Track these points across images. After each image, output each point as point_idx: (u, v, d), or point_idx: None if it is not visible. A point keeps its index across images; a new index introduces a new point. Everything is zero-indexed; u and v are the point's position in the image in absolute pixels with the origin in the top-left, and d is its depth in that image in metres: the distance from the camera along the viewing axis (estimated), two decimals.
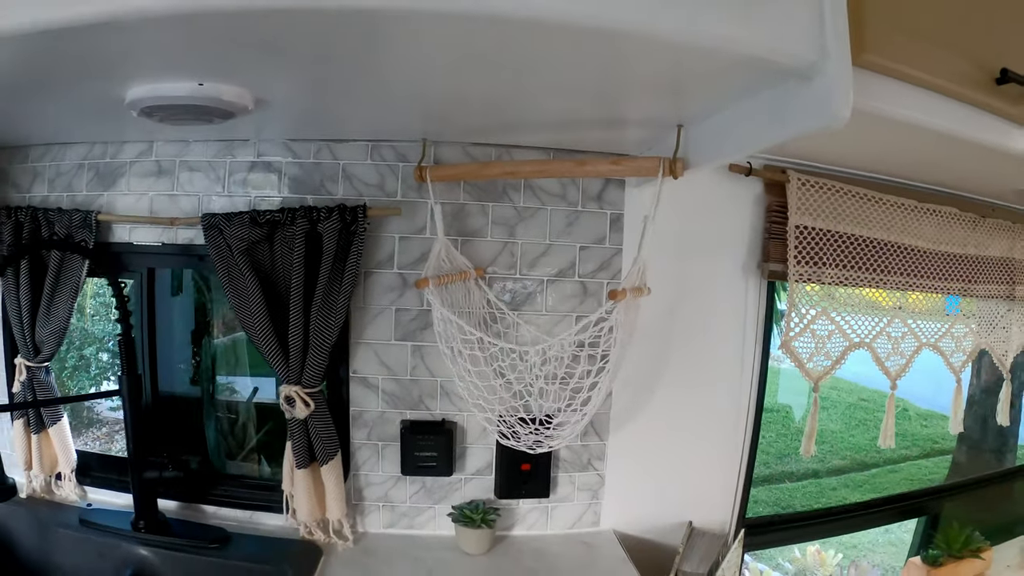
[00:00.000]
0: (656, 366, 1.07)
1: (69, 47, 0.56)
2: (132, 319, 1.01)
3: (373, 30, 0.53)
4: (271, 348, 0.94)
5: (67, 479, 1.09)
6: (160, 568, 0.96)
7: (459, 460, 1.04)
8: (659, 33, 0.50)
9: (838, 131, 0.57)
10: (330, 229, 0.92)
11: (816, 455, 3.00)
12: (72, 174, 1.05)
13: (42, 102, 0.81)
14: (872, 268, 1.11)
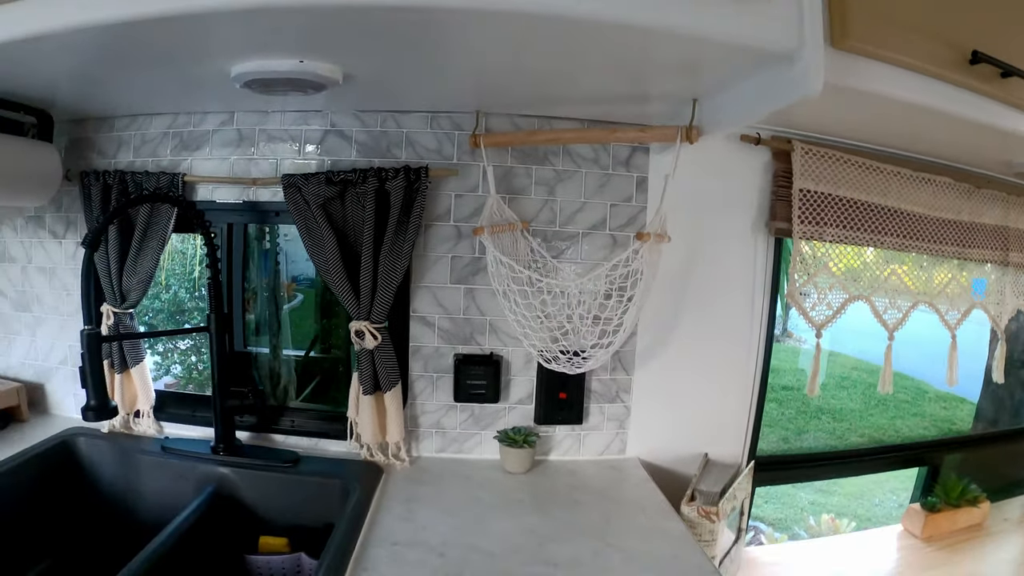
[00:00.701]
0: (675, 311, 1.29)
1: (198, 29, 0.76)
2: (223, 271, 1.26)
3: (458, 22, 0.72)
4: (344, 289, 1.16)
5: (146, 415, 1.32)
6: (239, 484, 1.19)
7: (504, 390, 1.27)
8: (669, 28, 0.70)
9: (816, 100, 0.77)
10: (397, 187, 1.14)
11: (836, 432, 3.23)
12: (157, 142, 1.29)
13: (152, 76, 1.02)
14: (870, 229, 1.31)
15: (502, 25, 0.73)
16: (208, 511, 1.12)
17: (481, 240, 1.11)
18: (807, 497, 2.86)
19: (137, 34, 0.77)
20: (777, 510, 2.75)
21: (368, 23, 0.74)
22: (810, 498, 2.87)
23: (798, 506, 2.80)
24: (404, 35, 0.78)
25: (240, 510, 1.18)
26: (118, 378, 1.29)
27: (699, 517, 1.14)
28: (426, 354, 1.26)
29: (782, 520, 2.69)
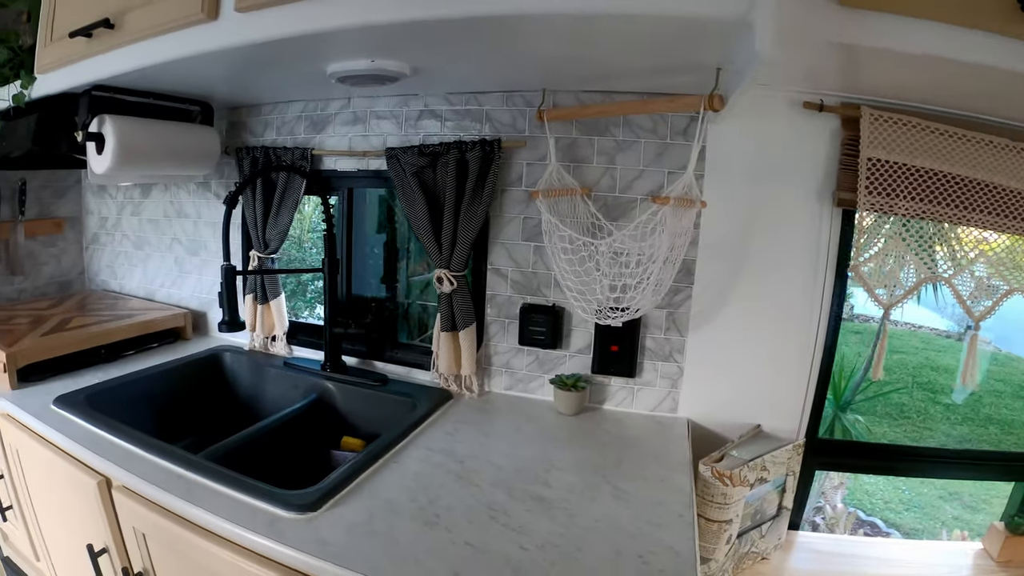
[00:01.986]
0: (732, 279, 1.45)
1: (309, 42, 1.14)
2: (338, 227, 1.75)
3: (513, 26, 1.01)
4: (429, 241, 1.54)
5: (280, 339, 1.86)
6: (336, 395, 1.65)
7: (565, 339, 1.55)
8: (633, 10, 0.91)
9: (875, 62, 1.03)
10: (474, 157, 1.48)
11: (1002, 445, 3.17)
12: (293, 123, 1.79)
13: (274, 74, 1.48)
14: (952, 204, 1.30)
15: (555, 24, 0.99)
16: (308, 412, 1.60)
17: (537, 203, 1.46)
18: (952, 511, 2.87)
19: (269, 49, 1.18)
20: (916, 519, 2.80)
21: (422, 32, 1.06)
22: (955, 512, 2.87)
23: (940, 519, 2.83)
24: (452, 37, 1.09)
25: (333, 415, 1.65)
26: (260, 308, 1.84)
27: (712, 477, 1.30)
28: (499, 302, 1.61)
29: (917, 531, 2.76)
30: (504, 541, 1.00)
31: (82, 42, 1.40)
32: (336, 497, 1.10)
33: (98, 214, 2.42)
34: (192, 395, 1.78)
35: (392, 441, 1.32)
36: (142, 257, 2.29)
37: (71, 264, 2.47)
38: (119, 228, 2.35)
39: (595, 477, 1.23)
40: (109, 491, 1.24)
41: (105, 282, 2.46)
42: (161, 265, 2.23)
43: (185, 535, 1.09)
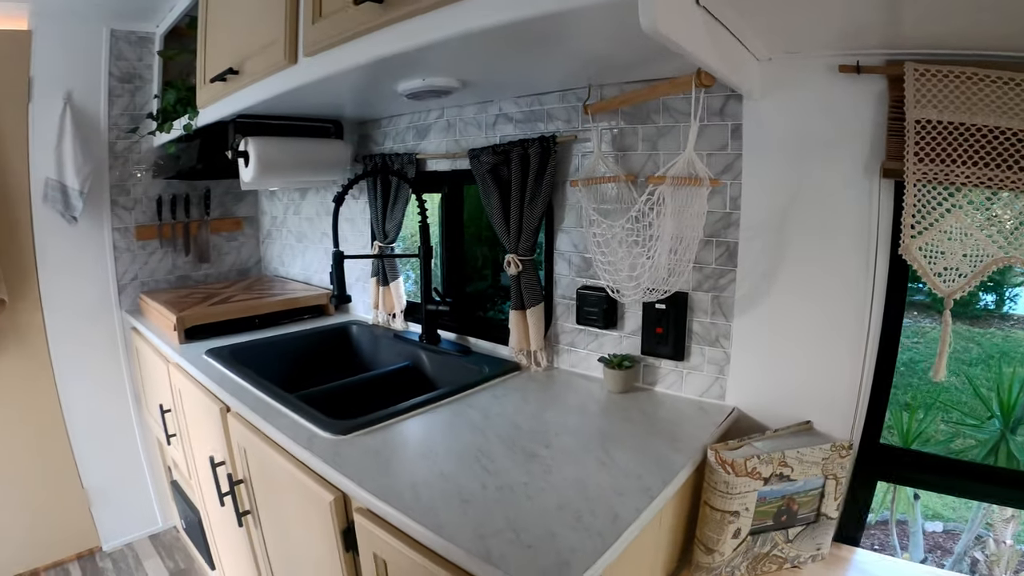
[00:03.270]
0: (775, 261, 1.46)
1: (366, 70, 1.47)
2: (439, 218, 2.11)
3: (505, 35, 1.16)
4: (501, 229, 1.80)
5: (398, 316, 2.27)
6: (426, 361, 2.04)
7: (620, 320, 1.72)
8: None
9: None
10: (534, 153, 1.71)
11: None
12: (404, 133, 2.19)
13: (365, 95, 1.88)
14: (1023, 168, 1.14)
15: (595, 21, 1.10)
16: (400, 372, 2.02)
17: (576, 191, 1.65)
18: None
19: (339, 79, 1.55)
20: None
21: (455, 49, 1.29)
22: None
23: None
24: (489, 49, 1.32)
25: (421, 377, 2.03)
26: (381, 290, 2.27)
27: (716, 462, 1.30)
28: (564, 284, 1.82)
29: None
30: (472, 478, 1.22)
31: (220, 85, 1.93)
32: (365, 430, 1.44)
33: (270, 214, 3.18)
34: (320, 356, 2.36)
35: (440, 396, 1.63)
36: (301, 249, 2.95)
37: (249, 254, 3.30)
38: (285, 225, 3.06)
39: (594, 445, 1.37)
40: (226, 416, 1.74)
41: (275, 269, 3.21)
42: (315, 255, 2.86)
43: (264, 447, 1.53)
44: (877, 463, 1.47)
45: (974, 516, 3.01)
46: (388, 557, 1.17)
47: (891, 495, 3.19)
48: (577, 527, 1.05)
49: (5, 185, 2.65)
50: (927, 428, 3.24)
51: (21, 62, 2.63)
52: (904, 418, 3.17)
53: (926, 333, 3.06)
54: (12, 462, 2.83)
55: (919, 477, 1.54)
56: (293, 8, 1.59)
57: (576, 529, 1.04)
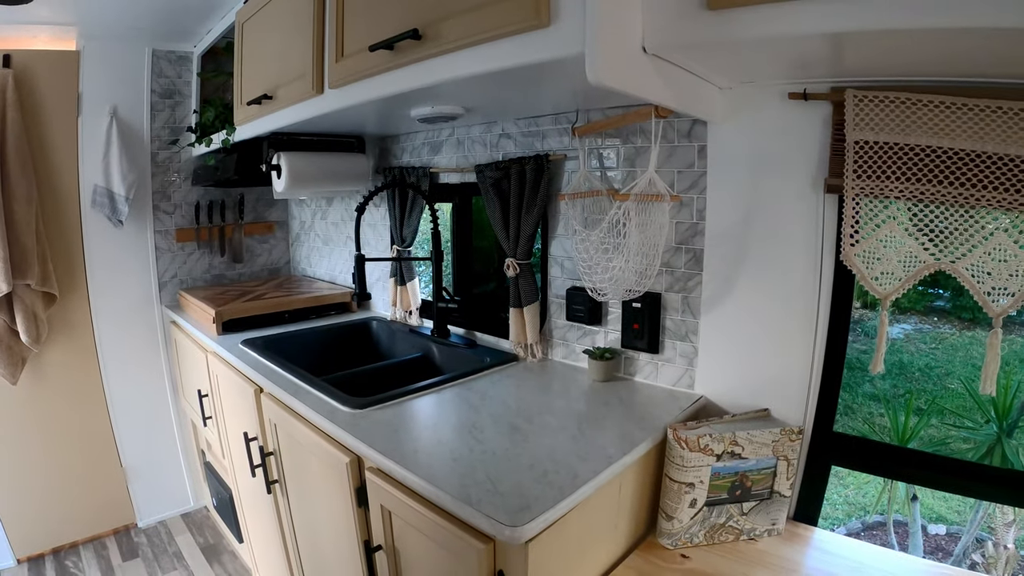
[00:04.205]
0: (736, 265, 1.66)
1: (383, 101, 1.71)
2: (449, 225, 2.41)
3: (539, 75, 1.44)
4: (502, 235, 2.07)
5: (414, 313, 2.55)
6: (436, 352, 2.33)
7: (604, 317, 1.97)
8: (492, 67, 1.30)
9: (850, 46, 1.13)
10: (530, 169, 1.98)
11: None
12: (420, 148, 2.50)
13: (384, 117, 2.19)
14: (957, 183, 1.27)
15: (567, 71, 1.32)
16: (412, 362, 2.32)
17: (562, 204, 1.92)
18: None
19: (361, 107, 1.83)
20: None
21: (454, 86, 1.56)
22: None
23: None
24: (483, 86, 1.59)
25: (431, 367, 2.32)
26: (399, 289, 2.56)
27: (673, 439, 1.50)
28: (557, 285, 2.09)
29: None
30: (462, 443, 1.50)
31: (256, 107, 2.26)
32: (379, 405, 1.73)
33: (299, 219, 3.55)
34: (343, 347, 2.68)
35: (444, 380, 1.92)
36: (327, 251, 3.30)
37: (280, 256, 3.69)
38: (312, 229, 3.42)
39: (570, 422, 1.62)
40: (259, 395, 2.05)
41: (303, 270, 3.57)
42: (340, 257, 3.19)
43: (293, 421, 1.83)
44: (830, 449, 1.63)
45: (973, 518, 3.07)
46: (393, 507, 1.45)
47: (887, 495, 3.33)
48: (542, 481, 1.29)
49: (57, 191, 3.00)
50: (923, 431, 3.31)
51: (71, 79, 2.98)
52: (912, 422, 3.14)
53: (944, 339, 3.08)
54: (58, 442, 3.19)
55: (870, 462, 1.69)
56: (319, 47, 1.90)
57: (541, 483, 1.28)
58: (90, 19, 2.83)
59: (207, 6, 2.75)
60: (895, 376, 2.85)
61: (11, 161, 2.72)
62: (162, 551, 3.27)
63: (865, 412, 3.08)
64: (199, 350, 2.73)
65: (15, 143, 2.73)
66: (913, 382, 3.12)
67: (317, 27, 1.89)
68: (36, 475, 3.15)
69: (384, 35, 1.55)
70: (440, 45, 1.43)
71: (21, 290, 2.79)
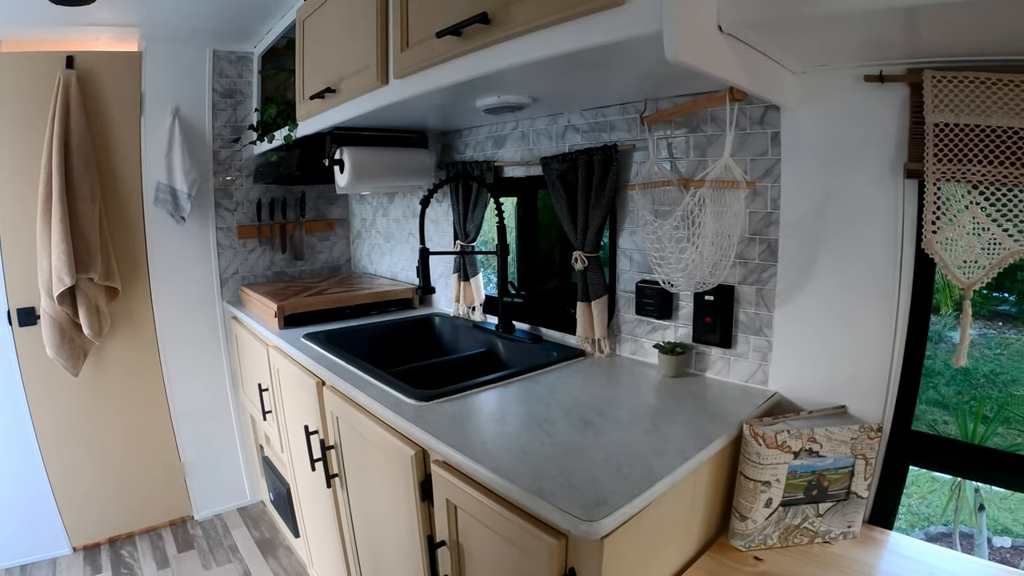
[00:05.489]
0: (812, 255, 1.63)
1: (447, 90, 1.77)
2: (514, 220, 2.42)
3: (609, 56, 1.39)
4: (569, 227, 2.08)
5: (477, 309, 2.58)
6: (501, 348, 2.34)
7: (674, 311, 1.96)
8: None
9: None
10: (598, 160, 1.98)
11: None
12: (483, 143, 2.52)
13: (448, 110, 2.21)
14: None
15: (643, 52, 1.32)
16: (477, 357, 2.34)
17: (633, 194, 1.90)
18: None
19: (425, 97, 1.87)
20: None
21: (523, 72, 1.55)
22: None
23: None
24: (553, 72, 1.58)
25: (496, 362, 2.34)
26: (462, 285, 2.59)
27: (749, 435, 1.46)
28: (625, 278, 2.09)
29: None
30: (532, 437, 1.49)
31: (319, 101, 2.32)
32: (444, 398, 1.74)
33: (360, 216, 3.63)
34: (405, 342, 2.73)
35: (512, 374, 1.93)
36: (389, 248, 3.35)
37: (340, 253, 3.78)
38: (374, 226, 3.48)
39: (643, 417, 1.60)
40: (321, 388, 2.08)
41: (364, 266, 3.65)
42: (402, 253, 3.24)
43: (356, 414, 1.86)
44: (909, 448, 1.58)
45: None
46: (459, 501, 1.45)
47: (953, 504, 3.25)
48: (617, 476, 1.26)
49: (121, 189, 3.13)
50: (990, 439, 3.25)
51: (133, 79, 3.11)
52: (979, 429, 3.16)
53: (1009, 344, 3.04)
54: (118, 434, 3.31)
55: (951, 462, 1.64)
56: (383, 37, 1.94)
57: (616, 477, 1.25)
58: (152, 21, 2.94)
59: (267, 6, 2.84)
60: (959, 382, 2.76)
61: (75, 159, 2.85)
62: (217, 544, 3.36)
63: (929, 419, 3.00)
64: (260, 344, 2.81)
65: (79, 142, 2.86)
66: (978, 388, 3.03)
67: (380, 17, 1.93)
68: (94, 466, 3.27)
69: (451, 21, 1.57)
70: (510, 28, 1.44)
71: (84, 284, 2.90)
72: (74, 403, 3.17)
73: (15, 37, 2.86)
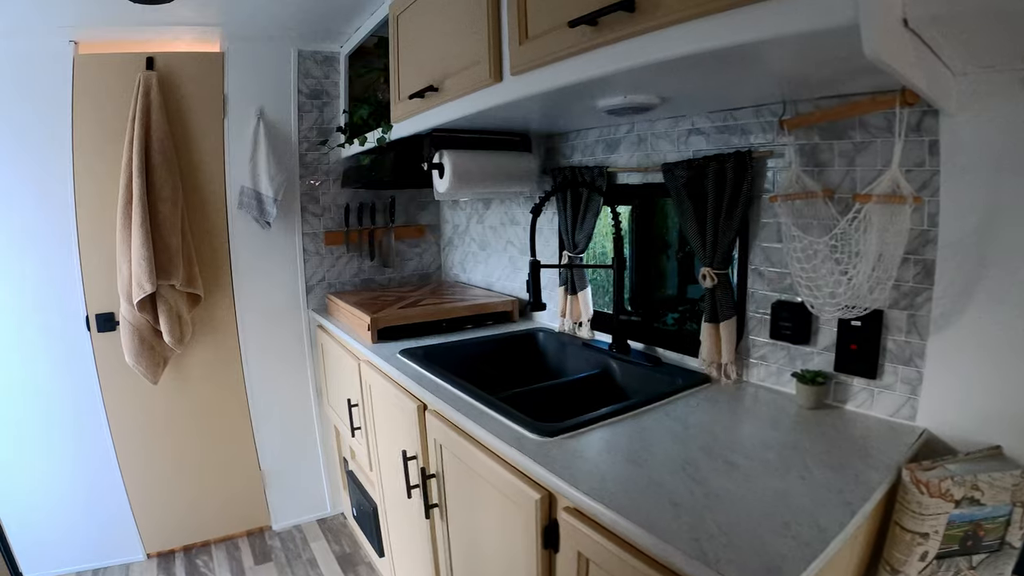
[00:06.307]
0: (974, 280, 1.48)
1: (569, 90, 1.65)
2: (629, 231, 2.27)
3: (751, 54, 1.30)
4: (696, 242, 1.95)
5: (584, 325, 2.45)
6: (616, 370, 2.20)
7: (812, 336, 1.80)
8: None
9: None
10: (730, 169, 1.84)
11: None
12: (592, 146, 2.39)
13: (562, 111, 2.07)
14: None
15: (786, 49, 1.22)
16: (590, 381, 2.19)
17: (775, 206, 1.75)
18: None
19: (541, 97, 1.76)
20: None
21: (663, 70, 1.44)
22: None
23: None
24: (699, 67, 1.44)
25: (612, 386, 2.20)
26: (569, 299, 2.47)
27: (910, 482, 1.35)
28: (757, 298, 1.93)
29: None
30: (679, 484, 1.36)
31: (418, 101, 2.22)
32: (571, 433, 1.62)
33: (452, 222, 3.54)
34: (508, 361, 2.59)
35: (638, 404, 1.79)
36: (484, 256, 3.25)
37: (430, 260, 3.71)
38: (467, 233, 3.38)
39: (793, 459, 1.46)
40: (424, 413, 2.00)
41: (456, 275, 3.56)
42: (498, 263, 3.12)
43: (465, 444, 1.75)
44: None
45: None
46: (594, 555, 1.33)
47: None
48: (784, 534, 1.13)
49: (203, 192, 3.11)
50: None
51: (215, 81, 3.08)
52: None
53: None
54: (197, 442, 3.32)
55: None
56: (495, 30, 1.82)
57: (783, 536, 1.13)
58: (234, 20, 2.90)
59: (355, 4, 2.77)
60: None
61: (156, 162, 2.83)
62: (295, 556, 3.33)
63: None
64: (350, 357, 2.74)
65: (160, 145, 2.84)
66: None
67: (492, 7, 1.82)
68: (171, 473, 3.28)
69: (585, 9, 1.43)
70: (658, 17, 1.29)
71: (165, 290, 2.88)
72: (152, 410, 3.17)
73: (94, 38, 2.86)
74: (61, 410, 3.01)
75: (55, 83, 2.79)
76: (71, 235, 2.90)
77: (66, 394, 3.00)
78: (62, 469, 3.06)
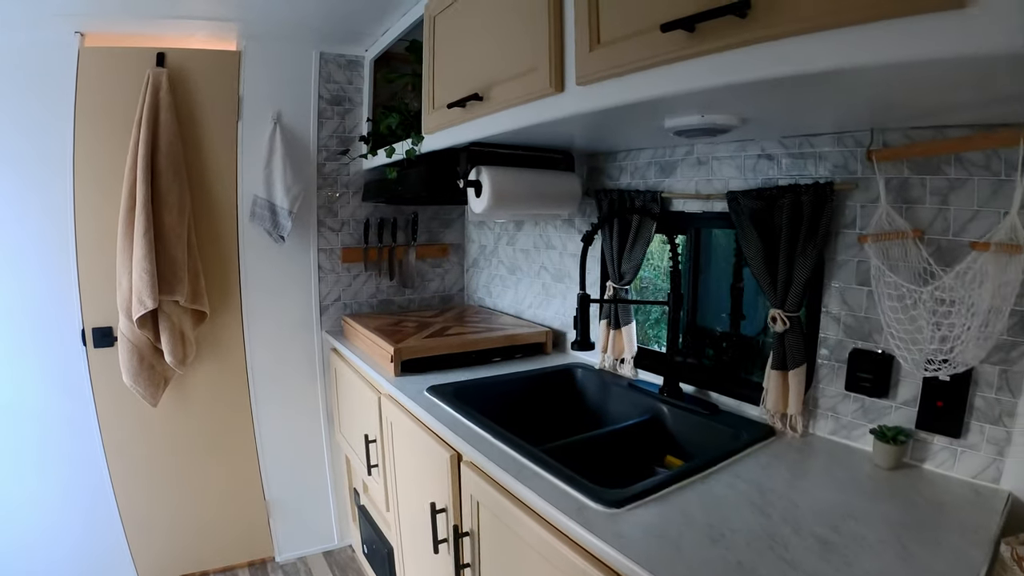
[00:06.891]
0: None
1: (641, 106, 1.50)
2: (683, 263, 2.10)
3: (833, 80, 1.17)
4: (764, 280, 1.80)
5: (627, 362, 2.28)
6: (668, 417, 2.03)
7: (892, 388, 1.66)
8: None
9: None
10: (807, 201, 1.70)
11: None
12: (644, 168, 2.22)
13: (620, 129, 1.91)
14: None
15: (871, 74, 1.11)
16: (640, 428, 2.00)
17: (866, 247, 1.60)
18: None
19: (608, 112, 1.60)
20: None
21: (738, 93, 1.33)
22: None
23: None
24: (771, 94, 1.33)
25: (663, 434, 2.03)
26: (612, 333, 2.31)
27: (1010, 559, 1.25)
28: (831, 344, 1.78)
29: None
30: (772, 569, 1.20)
31: (458, 111, 2.06)
32: (640, 501, 1.45)
33: (478, 242, 3.37)
34: (544, 400, 2.40)
35: (705, 464, 1.63)
36: (514, 281, 3.08)
37: (453, 282, 3.55)
38: (496, 255, 3.21)
39: (887, 533, 1.33)
40: (458, 464, 1.83)
41: (481, 299, 3.39)
42: (530, 289, 2.96)
43: (510, 507, 1.57)
44: None
45: None
46: None
47: None
48: None
49: (214, 201, 2.95)
50: None
51: (230, 81, 2.92)
52: None
53: None
54: (198, 468, 3.14)
55: None
56: (557, 33, 1.66)
57: None
58: (252, 16, 2.74)
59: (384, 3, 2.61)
60: None
61: (162, 166, 2.67)
62: None
63: None
64: (370, 390, 2.56)
65: (167, 148, 2.68)
66: None
67: (554, 6, 1.66)
68: (170, 499, 3.11)
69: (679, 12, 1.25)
70: (778, 26, 1.12)
71: (168, 307, 2.72)
72: (151, 433, 3.00)
73: (101, 30, 2.70)
74: (54, 431, 2.84)
75: (57, 77, 2.62)
76: (69, 242, 2.72)
77: (59, 414, 2.83)
78: (53, 493, 2.89)
